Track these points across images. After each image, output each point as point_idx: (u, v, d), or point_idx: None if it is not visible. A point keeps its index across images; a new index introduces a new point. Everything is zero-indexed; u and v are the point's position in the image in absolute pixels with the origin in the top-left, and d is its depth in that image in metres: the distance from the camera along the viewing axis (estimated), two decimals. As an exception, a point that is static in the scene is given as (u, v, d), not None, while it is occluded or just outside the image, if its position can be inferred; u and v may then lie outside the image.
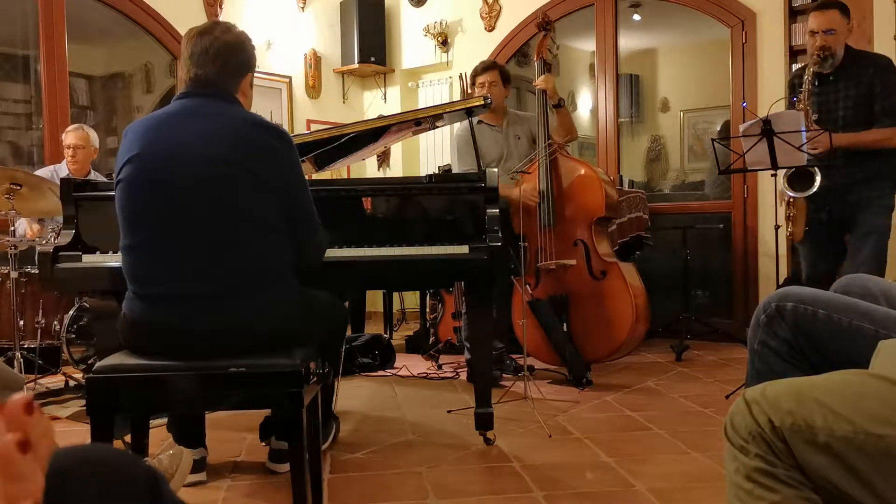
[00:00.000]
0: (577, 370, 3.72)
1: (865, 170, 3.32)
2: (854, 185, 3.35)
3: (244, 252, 1.99)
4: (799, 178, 3.30)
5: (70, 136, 4.26)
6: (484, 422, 2.77)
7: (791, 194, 3.33)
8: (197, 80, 2.07)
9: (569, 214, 3.89)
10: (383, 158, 6.61)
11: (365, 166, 6.61)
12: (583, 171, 3.94)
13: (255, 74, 2.25)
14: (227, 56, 2.08)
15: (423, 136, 6.04)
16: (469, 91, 3.96)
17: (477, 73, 3.99)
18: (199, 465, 2.39)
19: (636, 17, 5.78)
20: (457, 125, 4.00)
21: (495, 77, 3.95)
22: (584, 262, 3.85)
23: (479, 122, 3.92)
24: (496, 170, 2.70)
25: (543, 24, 3.99)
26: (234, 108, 2.09)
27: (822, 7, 3.36)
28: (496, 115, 4.00)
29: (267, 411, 2.57)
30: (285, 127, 5.86)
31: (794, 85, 3.55)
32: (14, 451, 0.51)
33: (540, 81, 3.88)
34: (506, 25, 6.02)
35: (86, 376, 2.17)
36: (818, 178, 3.22)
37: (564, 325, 3.78)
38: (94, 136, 4.35)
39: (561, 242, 3.86)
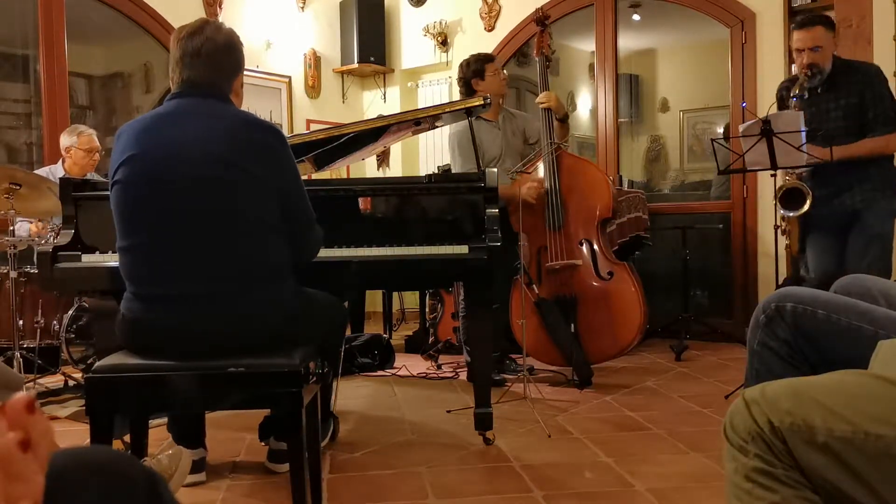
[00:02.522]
0: (584, 372, 3.70)
1: (862, 174, 3.32)
2: (852, 185, 3.35)
3: (242, 252, 1.99)
4: (791, 197, 3.32)
5: (87, 140, 4.22)
6: (483, 422, 2.77)
7: (785, 213, 3.36)
8: (190, 82, 2.06)
9: (575, 214, 3.86)
10: (383, 158, 6.60)
11: (365, 166, 6.61)
12: (589, 171, 3.92)
13: (255, 74, 2.25)
14: (219, 57, 2.07)
15: (422, 136, 6.03)
16: (476, 80, 3.90)
17: (493, 62, 3.93)
18: (198, 466, 2.39)
19: (636, 17, 5.78)
20: (453, 124, 3.98)
21: (502, 71, 3.95)
22: (590, 263, 3.83)
23: (478, 118, 3.89)
24: (496, 170, 2.69)
25: (542, 18, 3.97)
26: (230, 108, 2.09)
27: (806, 24, 3.34)
28: (493, 112, 3.97)
29: (266, 411, 2.57)
30: (285, 127, 5.87)
31: (781, 97, 3.57)
32: (15, 450, 0.51)
33: (542, 98, 3.85)
34: (505, 25, 6.01)
35: (85, 376, 2.16)
36: (809, 200, 3.25)
37: (572, 326, 3.74)
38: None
39: (566, 242, 3.84)
